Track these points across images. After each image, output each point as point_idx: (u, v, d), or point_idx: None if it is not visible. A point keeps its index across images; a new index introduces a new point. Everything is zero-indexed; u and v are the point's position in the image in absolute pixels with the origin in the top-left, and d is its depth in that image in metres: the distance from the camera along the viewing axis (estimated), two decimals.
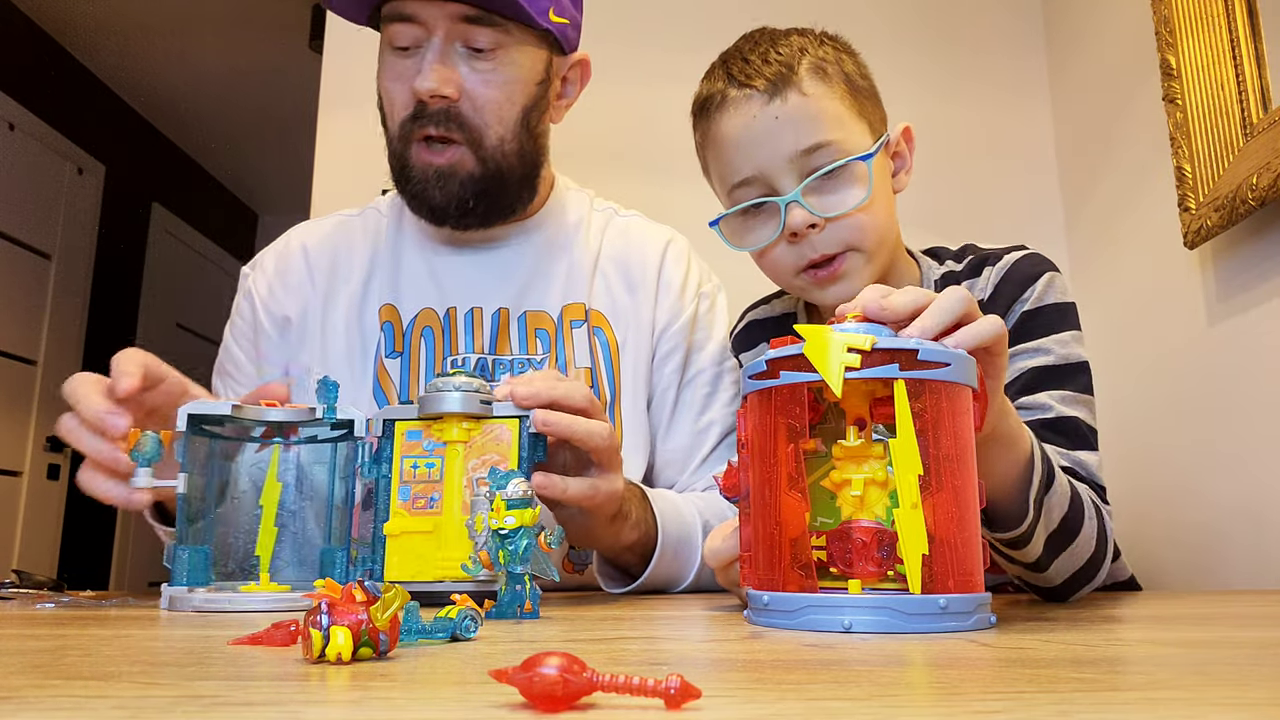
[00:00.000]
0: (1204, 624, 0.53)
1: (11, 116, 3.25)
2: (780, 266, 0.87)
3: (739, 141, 0.85)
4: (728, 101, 0.86)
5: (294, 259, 1.03)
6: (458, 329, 0.98)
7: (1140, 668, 0.37)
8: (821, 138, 0.83)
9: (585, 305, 1.01)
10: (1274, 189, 1.15)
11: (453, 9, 0.90)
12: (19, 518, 3.27)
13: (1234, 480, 1.30)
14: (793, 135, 0.83)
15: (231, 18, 3.39)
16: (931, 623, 0.48)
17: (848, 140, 0.84)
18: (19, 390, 3.31)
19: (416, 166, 0.94)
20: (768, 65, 0.85)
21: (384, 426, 0.72)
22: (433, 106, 0.92)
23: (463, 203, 0.95)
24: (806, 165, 0.83)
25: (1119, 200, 1.65)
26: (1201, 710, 0.27)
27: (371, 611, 0.37)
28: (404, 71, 0.93)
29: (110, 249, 3.83)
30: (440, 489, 0.71)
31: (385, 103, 0.96)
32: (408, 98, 0.93)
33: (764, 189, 0.85)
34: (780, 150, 0.83)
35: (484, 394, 0.72)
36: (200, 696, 0.30)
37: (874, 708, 0.28)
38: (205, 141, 4.37)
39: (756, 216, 0.87)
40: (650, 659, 0.39)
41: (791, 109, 0.83)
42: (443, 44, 0.91)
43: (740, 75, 0.86)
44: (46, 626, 0.53)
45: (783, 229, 0.84)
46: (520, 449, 0.71)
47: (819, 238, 0.84)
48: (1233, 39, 1.28)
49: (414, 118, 0.93)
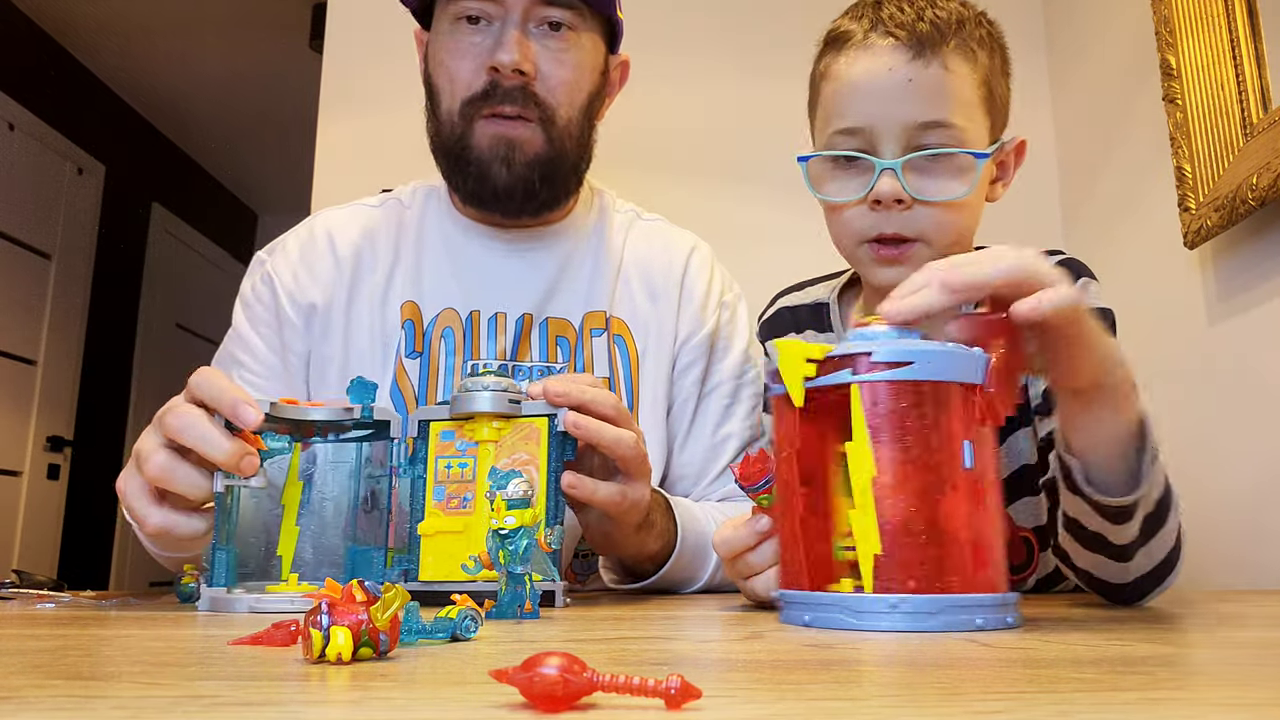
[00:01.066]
0: (1204, 624, 0.53)
1: (11, 116, 3.25)
2: (849, 228, 0.83)
3: (863, 89, 0.81)
4: (868, 45, 0.81)
5: (320, 245, 0.99)
6: (480, 333, 0.96)
7: (1140, 668, 0.37)
8: (945, 117, 0.79)
9: (606, 313, 0.99)
10: (1274, 189, 1.15)
11: None
12: (19, 518, 3.27)
13: (1234, 480, 1.30)
14: (919, 104, 0.79)
15: (231, 18, 3.39)
16: (879, 621, 0.49)
17: (968, 130, 0.80)
18: (19, 390, 3.31)
19: (482, 144, 0.91)
20: (921, 22, 0.80)
21: (419, 427, 0.73)
22: (507, 83, 0.89)
23: (529, 184, 0.92)
24: (919, 139, 0.79)
25: (1119, 200, 1.65)
26: (1201, 710, 0.27)
27: (371, 611, 0.37)
28: (474, 47, 0.90)
29: (110, 249, 3.83)
30: (473, 489, 0.71)
31: (443, 80, 0.93)
32: (475, 74, 0.90)
33: (866, 144, 0.81)
34: (900, 114, 0.79)
35: (514, 393, 0.72)
36: (200, 696, 0.30)
37: (874, 708, 0.28)
38: (205, 141, 4.37)
39: (848, 169, 0.82)
40: (650, 659, 0.39)
41: (928, 77, 0.79)
42: (520, 19, 0.90)
43: (890, 22, 0.81)
44: (46, 626, 0.53)
45: (869, 192, 0.80)
46: (550, 447, 0.71)
47: (900, 216, 0.80)
48: (1233, 39, 1.28)
49: (484, 95, 0.90)
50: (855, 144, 0.81)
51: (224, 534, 0.67)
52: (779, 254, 1.88)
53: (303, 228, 1.03)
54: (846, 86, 0.82)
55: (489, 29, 0.90)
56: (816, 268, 1.09)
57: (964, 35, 0.81)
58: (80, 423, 3.59)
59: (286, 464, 0.72)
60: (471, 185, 0.94)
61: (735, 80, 1.88)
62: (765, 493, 0.63)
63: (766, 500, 0.63)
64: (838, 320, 0.97)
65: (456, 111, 0.92)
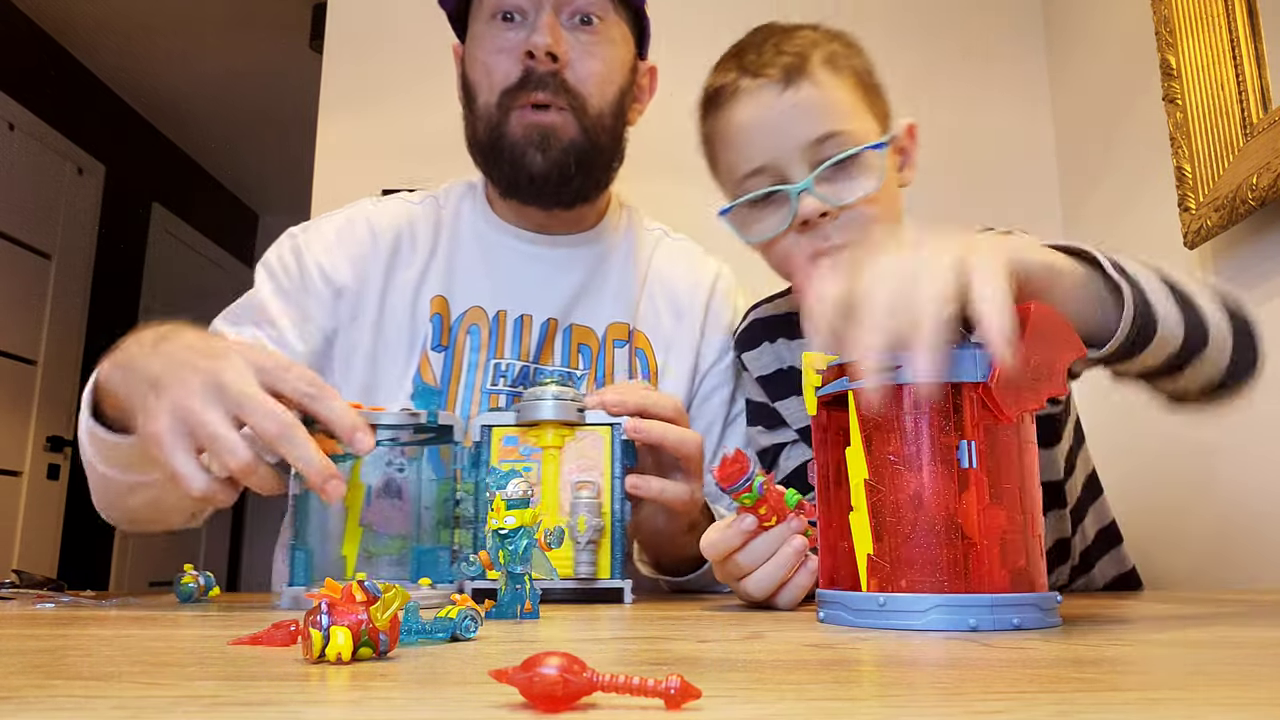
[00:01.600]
0: (1204, 624, 0.53)
1: (11, 116, 3.25)
2: (789, 259, 0.87)
3: (752, 130, 0.86)
4: (741, 91, 0.86)
5: (359, 231, 1.00)
6: (505, 333, 0.98)
7: (1140, 668, 0.37)
8: (834, 127, 0.84)
9: (630, 326, 1.02)
10: (1274, 189, 1.15)
11: None
12: (19, 518, 3.27)
13: (1234, 480, 1.30)
14: (806, 124, 0.84)
15: (231, 18, 3.39)
16: (872, 619, 0.51)
17: (858, 131, 0.85)
18: (19, 390, 3.31)
19: (518, 132, 0.94)
20: (781, 56, 0.85)
21: (482, 432, 0.76)
22: (541, 68, 0.92)
23: (564, 169, 0.94)
24: (818, 154, 0.83)
25: (1119, 200, 1.65)
26: (1201, 710, 0.27)
27: (371, 611, 0.37)
28: (509, 41, 0.94)
29: (110, 249, 3.83)
30: (538, 493, 0.75)
31: (480, 76, 0.96)
32: (512, 66, 0.93)
33: (775, 178, 0.85)
34: (793, 139, 0.84)
35: (579, 402, 0.77)
36: (200, 696, 0.30)
37: (874, 708, 0.28)
38: (205, 141, 4.37)
39: (766, 207, 0.86)
40: (650, 659, 0.39)
41: (805, 98, 0.84)
42: (553, 9, 0.93)
43: (754, 66, 0.86)
44: (46, 626, 0.53)
45: (794, 218, 0.83)
46: (613, 455, 0.76)
47: (831, 226, 0.84)
48: (1233, 39, 1.28)
49: (520, 86, 0.93)
50: (766, 181, 0.85)
51: (302, 534, 0.68)
52: None
53: (339, 214, 1.04)
54: (737, 133, 0.87)
55: (523, 24, 0.94)
56: None
57: (821, 52, 0.86)
58: None
59: (350, 464, 0.73)
60: (507, 172, 0.96)
61: None
62: (745, 492, 0.64)
63: (748, 500, 0.64)
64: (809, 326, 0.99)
65: (494, 104, 0.94)
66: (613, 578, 0.75)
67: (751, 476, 0.63)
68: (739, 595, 0.69)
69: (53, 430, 3.45)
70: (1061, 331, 0.53)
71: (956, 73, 1.90)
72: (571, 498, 0.76)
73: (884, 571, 0.52)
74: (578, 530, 0.74)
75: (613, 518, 0.76)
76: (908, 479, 0.52)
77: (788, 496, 0.66)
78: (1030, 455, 0.53)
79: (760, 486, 0.64)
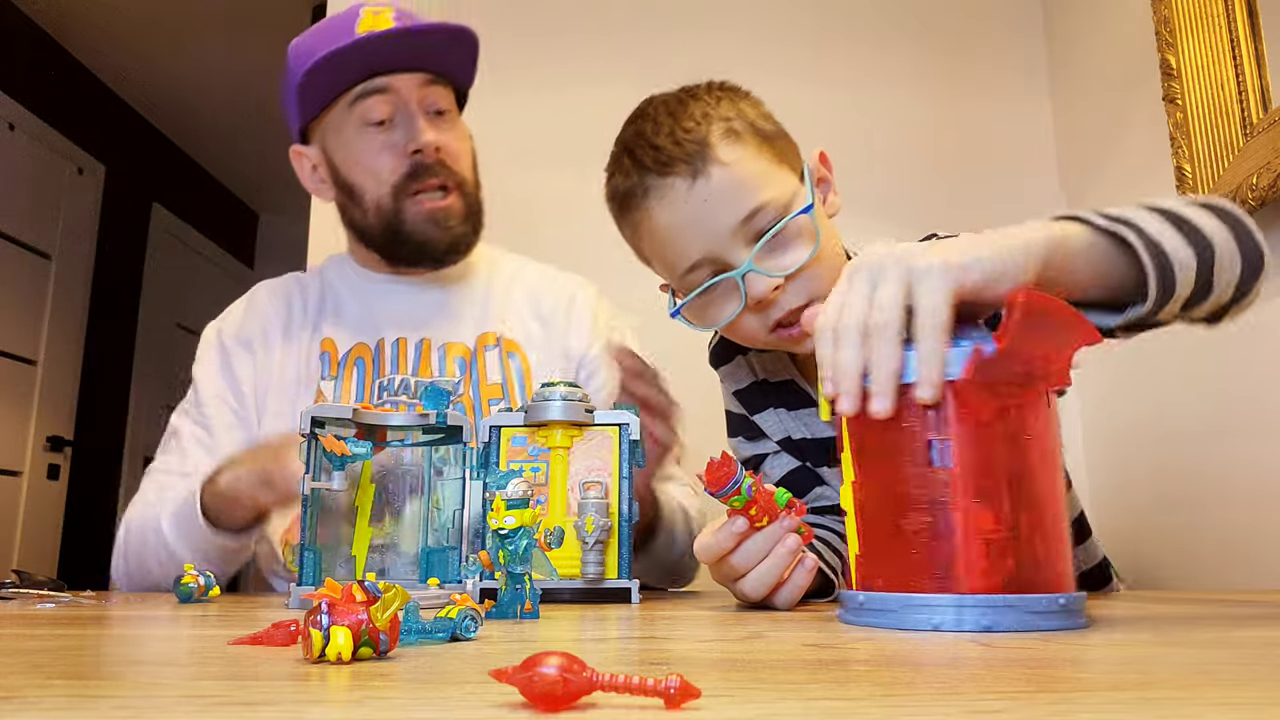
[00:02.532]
0: (1204, 624, 0.53)
1: (11, 116, 3.25)
2: (749, 333, 0.85)
3: (676, 229, 0.82)
4: (650, 192, 0.83)
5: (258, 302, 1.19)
6: (385, 357, 1.12)
7: (1140, 668, 0.37)
8: (756, 201, 0.80)
9: (498, 334, 1.14)
10: (1274, 189, 1.15)
11: (419, 76, 1.07)
12: (19, 518, 3.27)
13: (1234, 480, 1.30)
14: (728, 209, 0.80)
15: (231, 18, 3.39)
16: (857, 616, 0.53)
17: (781, 194, 0.81)
18: (19, 390, 3.31)
19: (419, 218, 1.08)
20: (679, 147, 0.81)
21: (491, 433, 0.78)
22: (428, 159, 1.06)
23: (463, 240, 1.11)
24: (750, 231, 0.81)
25: (1119, 200, 1.64)
26: (1201, 710, 0.27)
27: (371, 611, 0.37)
28: (387, 143, 1.07)
29: (110, 249, 3.83)
30: (546, 492, 0.77)
31: (364, 178, 1.08)
32: (397, 163, 1.07)
33: (715, 267, 0.82)
34: (720, 227, 0.80)
35: (586, 403, 0.78)
36: (200, 696, 0.30)
37: (874, 708, 0.28)
38: (205, 142, 4.37)
39: (714, 292, 0.83)
40: (650, 659, 0.39)
41: (718, 184, 0.80)
42: (418, 109, 1.07)
43: (654, 164, 0.82)
44: (46, 626, 0.53)
45: (746, 300, 0.81)
46: (621, 454, 0.77)
47: (783, 299, 0.81)
48: (1233, 39, 1.28)
49: (410, 176, 1.07)
50: (708, 272, 0.83)
51: (311, 534, 0.69)
52: None
53: (244, 297, 1.22)
54: (664, 235, 0.83)
55: (393, 127, 1.07)
56: None
57: (718, 127, 0.82)
58: (80, 423, 3.59)
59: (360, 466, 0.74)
60: (409, 251, 1.11)
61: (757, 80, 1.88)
62: (735, 495, 0.63)
63: (737, 502, 0.64)
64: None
65: (387, 197, 1.08)
66: (620, 578, 0.76)
67: (739, 479, 0.63)
68: (736, 596, 0.69)
69: (53, 430, 3.45)
70: (1063, 320, 0.52)
71: (956, 73, 1.90)
72: (579, 498, 0.76)
73: (863, 570, 0.53)
74: (585, 531, 0.74)
75: (620, 517, 0.77)
76: (885, 480, 0.53)
77: (778, 495, 0.66)
78: (1042, 450, 0.52)
79: (749, 488, 0.64)
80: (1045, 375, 0.52)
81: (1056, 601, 0.50)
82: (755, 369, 0.99)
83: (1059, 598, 0.50)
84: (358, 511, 0.74)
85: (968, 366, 0.50)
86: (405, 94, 1.06)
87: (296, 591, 0.68)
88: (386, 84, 1.06)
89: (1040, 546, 0.51)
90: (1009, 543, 0.50)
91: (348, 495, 0.74)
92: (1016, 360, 0.50)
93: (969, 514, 0.50)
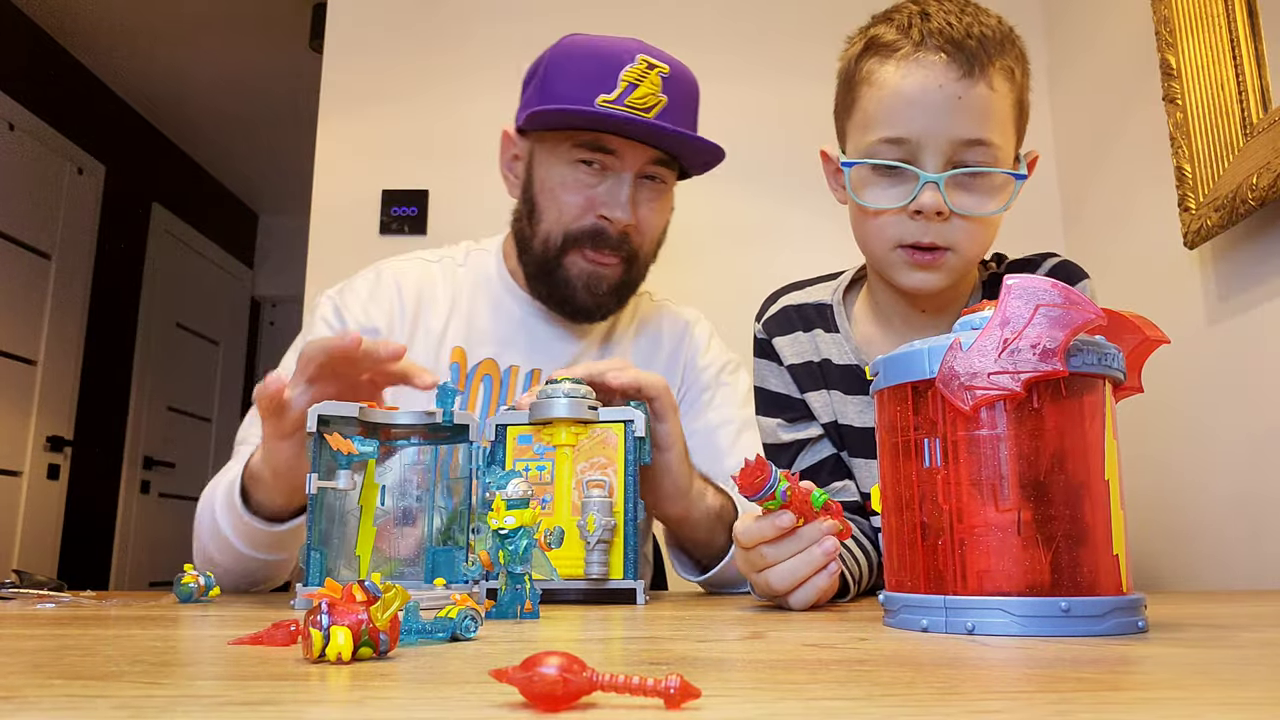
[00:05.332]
0: (1204, 624, 0.53)
1: (11, 116, 3.25)
2: (885, 234, 0.86)
3: (913, 101, 0.82)
4: (918, 58, 0.82)
5: (387, 287, 1.12)
6: (517, 384, 1.09)
7: (1140, 668, 0.37)
8: (987, 135, 0.82)
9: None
10: (1274, 189, 1.15)
11: (650, 153, 1.02)
12: (19, 518, 3.27)
13: (1233, 480, 1.30)
14: (965, 121, 0.81)
15: (232, 18, 3.39)
16: (888, 617, 0.53)
17: (1003, 148, 0.83)
18: (19, 390, 3.31)
19: (573, 271, 1.04)
20: (970, 39, 0.81)
21: (496, 431, 0.77)
22: (612, 231, 1.02)
23: (607, 307, 1.07)
24: (959, 155, 0.82)
25: (1119, 200, 1.65)
26: (1201, 710, 0.27)
27: (371, 611, 0.37)
28: (587, 188, 1.02)
29: (110, 249, 3.83)
30: (551, 490, 0.76)
31: (550, 207, 1.04)
32: (584, 212, 1.02)
33: (908, 154, 0.83)
34: (946, 129, 0.81)
35: (591, 400, 0.78)
36: (200, 696, 0.30)
37: (874, 708, 0.28)
38: (205, 141, 4.37)
39: (888, 176, 0.84)
40: (650, 659, 0.39)
41: (976, 96, 0.81)
42: (634, 179, 1.02)
43: (940, 36, 0.82)
44: (46, 626, 0.53)
45: (911, 201, 0.82)
46: (626, 452, 0.77)
47: (937, 226, 0.83)
48: (1233, 39, 1.28)
49: (589, 236, 1.03)
50: (898, 154, 0.83)
51: (316, 534, 0.69)
52: (785, 252, 1.88)
53: (370, 272, 1.15)
54: (895, 97, 0.83)
55: (603, 174, 1.02)
56: (822, 266, 1.09)
57: (1005, 54, 0.83)
58: (80, 423, 3.59)
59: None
60: (555, 301, 1.07)
61: (749, 79, 1.88)
62: (769, 499, 0.63)
63: (772, 505, 0.64)
64: (844, 321, 0.97)
65: (559, 238, 1.04)
66: (625, 578, 0.75)
67: (774, 483, 0.63)
68: (755, 588, 0.68)
69: (53, 430, 3.45)
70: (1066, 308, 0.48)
71: None
72: (583, 496, 0.76)
73: (887, 571, 0.54)
74: (588, 530, 0.73)
75: (625, 516, 0.76)
76: (891, 481, 0.53)
77: (814, 498, 0.66)
78: (1080, 449, 0.49)
79: (784, 492, 0.64)
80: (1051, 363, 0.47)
81: (1117, 605, 0.47)
82: (819, 347, 0.98)
83: (1048, 601, 0.47)
84: (362, 510, 0.74)
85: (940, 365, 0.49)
86: (629, 161, 1.02)
87: (301, 591, 0.68)
88: (617, 149, 1.01)
89: (1080, 549, 0.48)
90: (1012, 542, 0.48)
91: (353, 494, 0.74)
92: (1009, 349, 0.48)
93: (973, 514, 0.48)
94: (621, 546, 0.75)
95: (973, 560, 0.48)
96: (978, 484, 0.49)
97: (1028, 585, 0.47)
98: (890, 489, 0.54)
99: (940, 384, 0.49)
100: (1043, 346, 0.47)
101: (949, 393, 0.48)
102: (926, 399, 0.51)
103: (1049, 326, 0.47)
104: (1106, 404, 0.50)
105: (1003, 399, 0.48)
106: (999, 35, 0.84)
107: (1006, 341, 0.47)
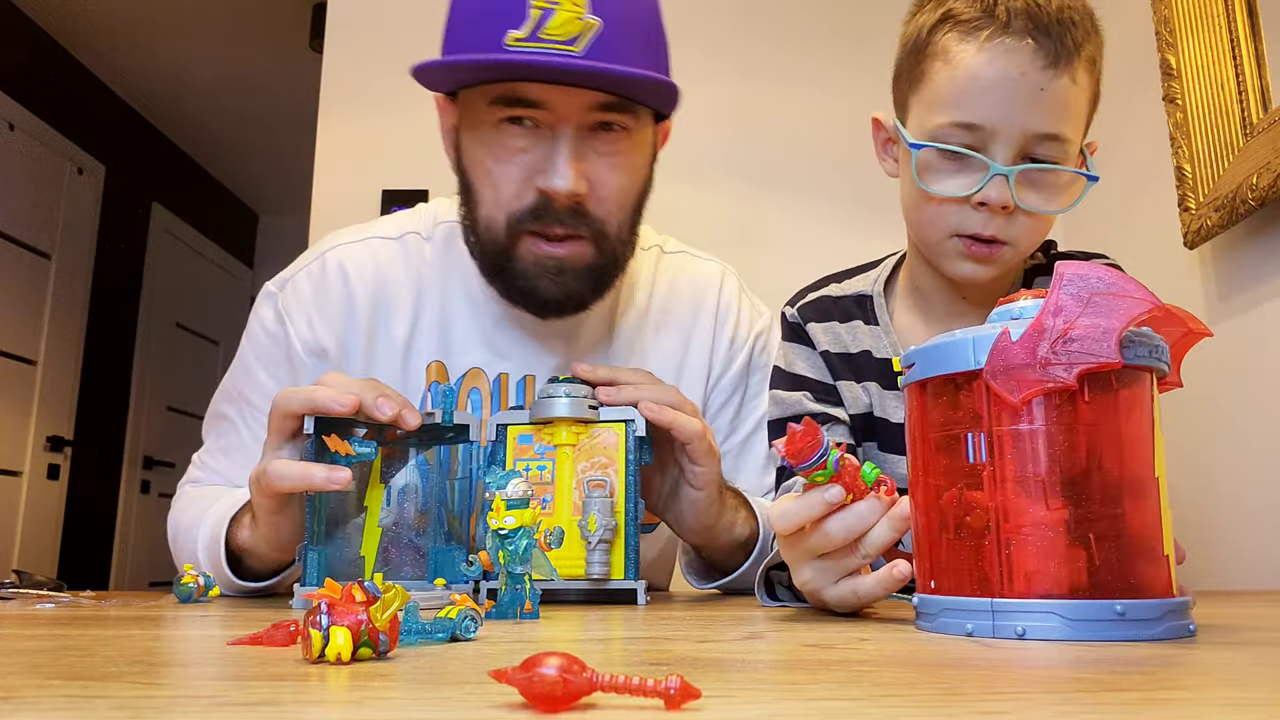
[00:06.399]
0: (1204, 624, 0.53)
1: (11, 116, 3.25)
2: (944, 221, 0.82)
3: (990, 87, 0.78)
4: (998, 43, 0.77)
5: (333, 286, 0.95)
6: (508, 395, 0.94)
7: (1140, 668, 0.37)
8: (1062, 130, 0.78)
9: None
10: (1274, 189, 1.15)
11: (590, 98, 0.81)
12: (19, 518, 3.27)
13: (1234, 480, 1.30)
14: (1043, 115, 0.77)
15: (232, 18, 3.39)
16: (920, 620, 0.52)
17: (1074, 144, 0.80)
18: (19, 390, 3.31)
19: (528, 261, 0.85)
20: (1059, 27, 0.77)
21: (497, 431, 0.77)
22: (558, 205, 0.82)
23: (580, 297, 0.88)
24: (1031, 148, 0.78)
25: (1119, 200, 1.65)
26: (1201, 710, 0.27)
27: (371, 612, 0.37)
28: (520, 155, 0.83)
29: (110, 249, 3.83)
30: (552, 490, 0.76)
31: (483, 185, 0.86)
32: (523, 188, 0.83)
33: (977, 142, 0.79)
34: (1023, 120, 0.77)
35: (592, 399, 0.77)
36: (200, 696, 0.30)
37: (874, 708, 0.28)
38: (205, 141, 4.37)
39: (955, 161, 0.80)
40: (650, 659, 0.39)
41: (1058, 89, 0.77)
42: (575, 134, 0.82)
43: (1028, 18, 0.77)
44: (46, 626, 0.53)
45: (977, 192, 0.79)
46: (627, 451, 0.76)
47: (1000, 219, 0.80)
48: (1233, 39, 1.28)
49: (532, 215, 0.83)
50: (968, 139, 0.79)
51: (315, 535, 0.69)
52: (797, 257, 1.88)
53: (314, 262, 0.97)
54: (972, 80, 0.78)
55: (536, 134, 0.82)
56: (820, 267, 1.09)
57: (1090, 40, 0.80)
58: (80, 423, 3.59)
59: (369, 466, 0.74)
60: (516, 295, 0.89)
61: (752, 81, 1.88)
62: (820, 469, 0.54)
63: (821, 477, 0.54)
64: (884, 312, 0.95)
65: (501, 224, 0.85)
66: (626, 578, 0.74)
67: (826, 450, 0.54)
68: (799, 583, 0.61)
69: (53, 430, 3.45)
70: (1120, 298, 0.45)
71: None
72: (583, 496, 0.75)
73: (918, 571, 0.52)
74: (588, 530, 0.73)
75: (626, 516, 0.75)
76: (924, 478, 0.51)
77: (864, 472, 0.56)
78: (1132, 440, 0.47)
79: (835, 461, 0.54)
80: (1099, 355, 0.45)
81: (1171, 608, 0.45)
82: (859, 338, 0.94)
83: (1100, 604, 0.44)
84: (366, 512, 0.74)
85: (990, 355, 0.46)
86: (562, 112, 0.81)
87: (300, 592, 0.68)
88: (542, 99, 0.81)
89: (1132, 549, 0.46)
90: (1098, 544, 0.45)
91: (354, 495, 0.74)
92: (1054, 341, 0.45)
93: (1020, 513, 0.46)
94: (622, 546, 0.75)
95: (1020, 561, 0.46)
96: (1024, 481, 0.46)
97: (1078, 587, 0.45)
98: (923, 486, 0.51)
99: (988, 376, 0.46)
100: (1098, 337, 0.44)
101: (997, 385, 0.46)
102: (969, 391, 0.48)
103: (1104, 316, 0.44)
104: (1154, 398, 0.49)
105: (1054, 391, 0.45)
106: (1086, 20, 0.79)
107: (1060, 331, 0.45)
